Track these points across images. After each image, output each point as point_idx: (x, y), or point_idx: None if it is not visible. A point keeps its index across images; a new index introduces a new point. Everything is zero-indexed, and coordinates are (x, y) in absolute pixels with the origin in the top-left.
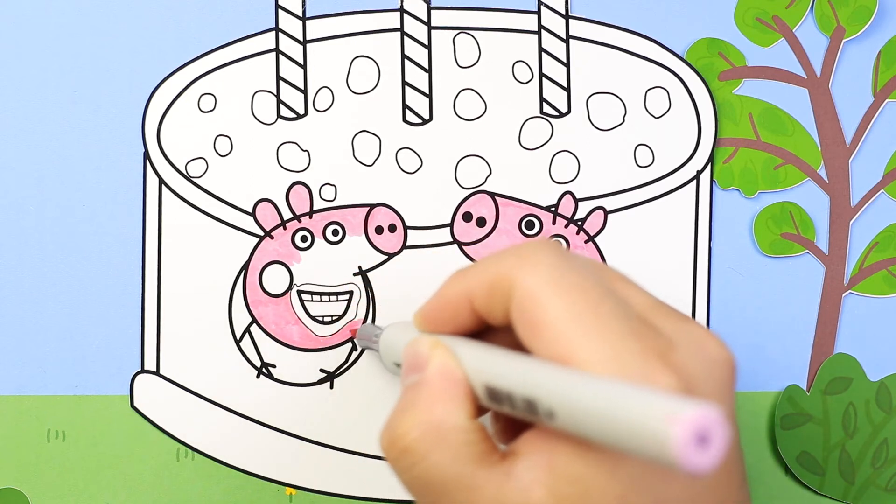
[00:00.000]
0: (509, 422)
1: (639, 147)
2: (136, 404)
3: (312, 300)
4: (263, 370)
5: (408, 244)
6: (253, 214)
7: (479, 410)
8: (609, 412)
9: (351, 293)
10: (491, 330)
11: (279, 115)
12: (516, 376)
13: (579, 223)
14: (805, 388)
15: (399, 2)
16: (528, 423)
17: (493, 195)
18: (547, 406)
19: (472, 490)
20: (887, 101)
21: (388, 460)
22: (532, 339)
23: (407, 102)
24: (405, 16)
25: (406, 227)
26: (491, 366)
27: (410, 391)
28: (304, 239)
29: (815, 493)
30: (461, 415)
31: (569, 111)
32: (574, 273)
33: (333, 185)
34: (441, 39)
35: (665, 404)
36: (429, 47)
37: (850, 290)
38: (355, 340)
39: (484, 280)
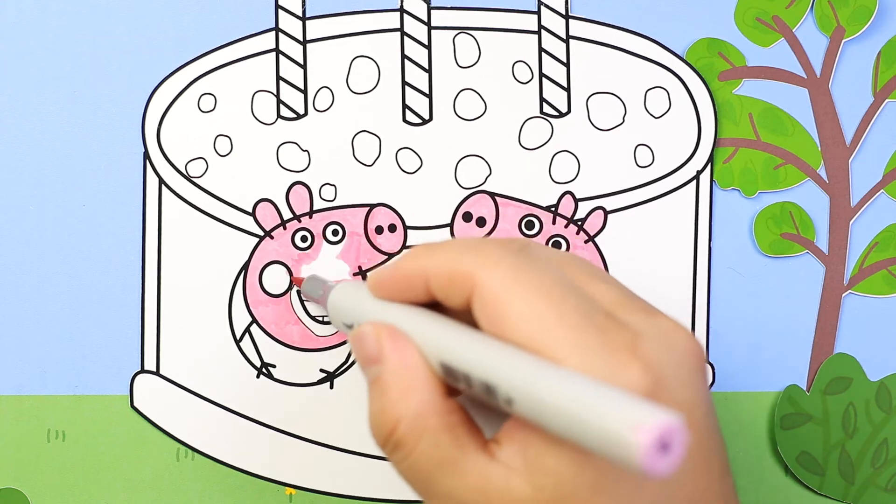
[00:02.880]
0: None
1: (639, 147)
2: (136, 404)
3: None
4: (263, 370)
5: (408, 244)
6: (253, 214)
7: (450, 388)
8: (571, 411)
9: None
10: (445, 307)
11: (279, 115)
12: (474, 355)
13: (579, 223)
14: (805, 389)
15: (399, 2)
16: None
17: (493, 195)
18: (505, 392)
19: (457, 475)
20: (887, 101)
21: (385, 454)
22: (496, 336)
23: (407, 102)
24: (405, 16)
25: (406, 227)
26: (447, 343)
27: (377, 385)
28: (304, 239)
29: (815, 493)
30: (435, 397)
31: (569, 111)
32: (535, 272)
33: (333, 185)
34: (441, 39)
35: (629, 411)
36: (429, 47)
37: (850, 290)
38: (300, 292)
39: (443, 271)
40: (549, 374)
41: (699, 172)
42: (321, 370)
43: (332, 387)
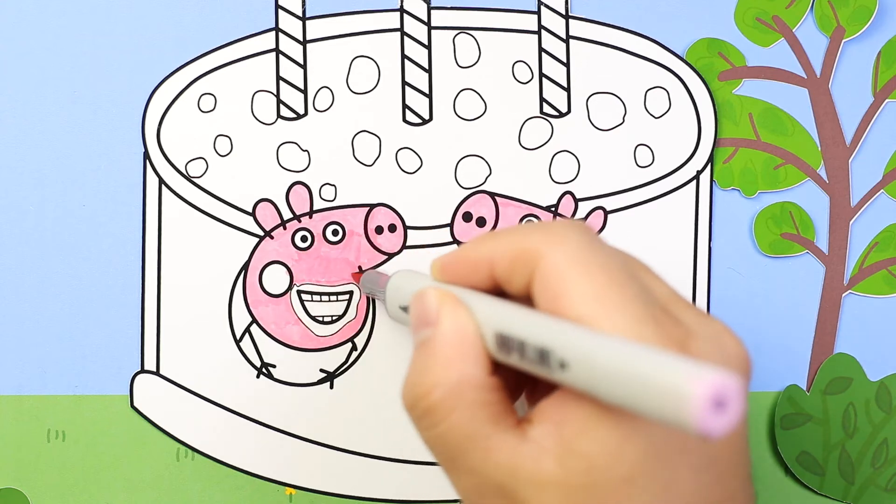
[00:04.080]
0: (528, 391)
1: (639, 147)
2: (136, 404)
3: (312, 300)
4: (263, 370)
5: (408, 244)
6: (253, 214)
7: (495, 367)
8: (626, 367)
9: (351, 293)
10: (504, 296)
11: (279, 115)
12: (530, 324)
13: None
14: (805, 388)
15: (399, 2)
16: (545, 392)
17: (493, 195)
18: (560, 356)
19: (488, 451)
20: (887, 101)
21: (411, 419)
22: (553, 313)
23: (407, 102)
24: (405, 16)
25: (406, 227)
26: (504, 314)
27: (425, 348)
28: (304, 239)
29: (815, 493)
30: (479, 372)
31: (569, 111)
32: (600, 254)
33: (333, 185)
34: (441, 39)
35: (685, 365)
36: (429, 47)
37: (850, 290)
38: (360, 286)
39: (509, 249)
40: (605, 338)
41: (699, 172)
42: (321, 370)
43: (332, 387)
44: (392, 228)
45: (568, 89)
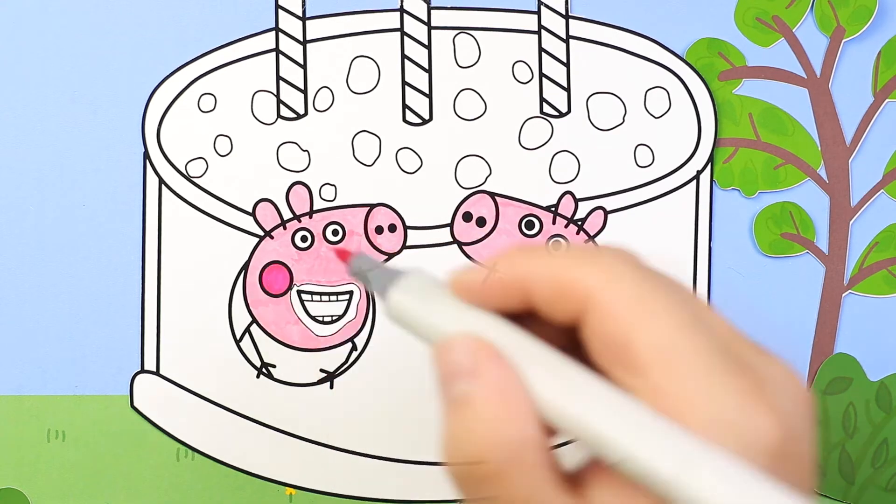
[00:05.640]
0: None
1: (639, 147)
2: (136, 404)
3: (312, 300)
4: (263, 370)
5: (408, 244)
6: (253, 214)
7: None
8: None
9: (351, 293)
10: (533, 315)
11: (279, 115)
12: (596, 429)
13: (579, 223)
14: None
15: (399, 2)
16: None
17: (493, 195)
18: (619, 461)
19: None
20: (887, 101)
21: (457, 482)
22: (611, 362)
23: (407, 102)
24: (405, 16)
25: (406, 227)
26: (553, 396)
27: (465, 405)
28: (304, 239)
29: (816, 493)
30: (536, 431)
31: (569, 111)
32: (662, 296)
33: (333, 185)
34: (441, 39)
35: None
36: (429, 47)
37: (850, 290)
38: (349, 270)
39: (550, 279)
40: (674, 447)
41: (699, 172)
42: (321, 370)
43: (332, 387)
44: (392, 228)
45: (568, 89)
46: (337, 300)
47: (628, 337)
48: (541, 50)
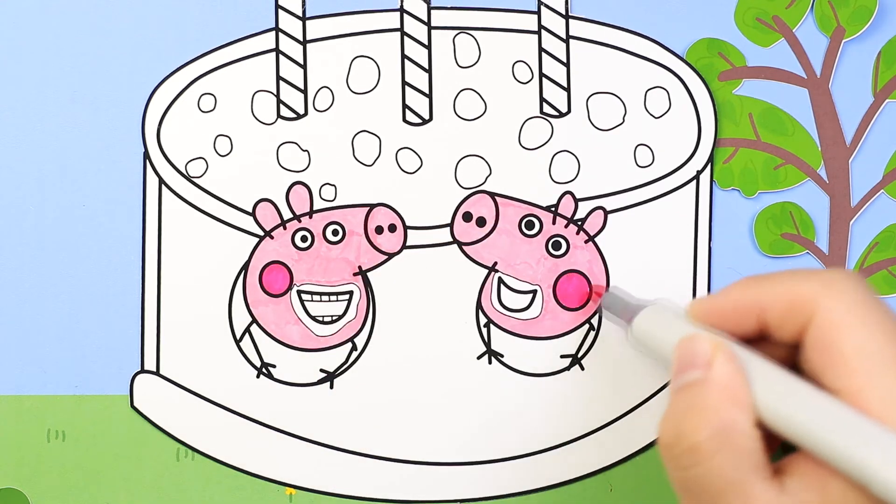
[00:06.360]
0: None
1: (639, 147)
2: (136, 404)
3: (312, 300)
4: (263, 370)
5: (408, 244)
6: (253, 214)
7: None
8: None
9: (351, 293)
10: (762, 340)
11: (279, 115)
12: (809, 431)
13: (579, 223)
14: None
15: (399, 2)
16: None
17: (493, 195)
18: (833, 462)
19: (747, 498)
20: (887, 101)
21: (665, 456)
22: (824, 367)
23: (407, 102)
24: (405, 16)
25: (406, 227)
26: (772, 399)
27: (691, 390)
28: (304, 239)
29: None
30: (748, 421)
31: (569, 111)
32: (878, 309)
33: (333, 185)
34: (441, 39)
35: None
36: (429, 47)
37: None
38: (601, 308)
39: (783, 297)
40: (864, 437)
41: (699, 172)
42: (321, 370)
43: (332, 387)
44: (392, 228)
45: (568, 89)
46: (337, 300)
47: (841, 342)
48: (541, 50)
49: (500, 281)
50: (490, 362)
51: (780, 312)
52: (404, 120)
